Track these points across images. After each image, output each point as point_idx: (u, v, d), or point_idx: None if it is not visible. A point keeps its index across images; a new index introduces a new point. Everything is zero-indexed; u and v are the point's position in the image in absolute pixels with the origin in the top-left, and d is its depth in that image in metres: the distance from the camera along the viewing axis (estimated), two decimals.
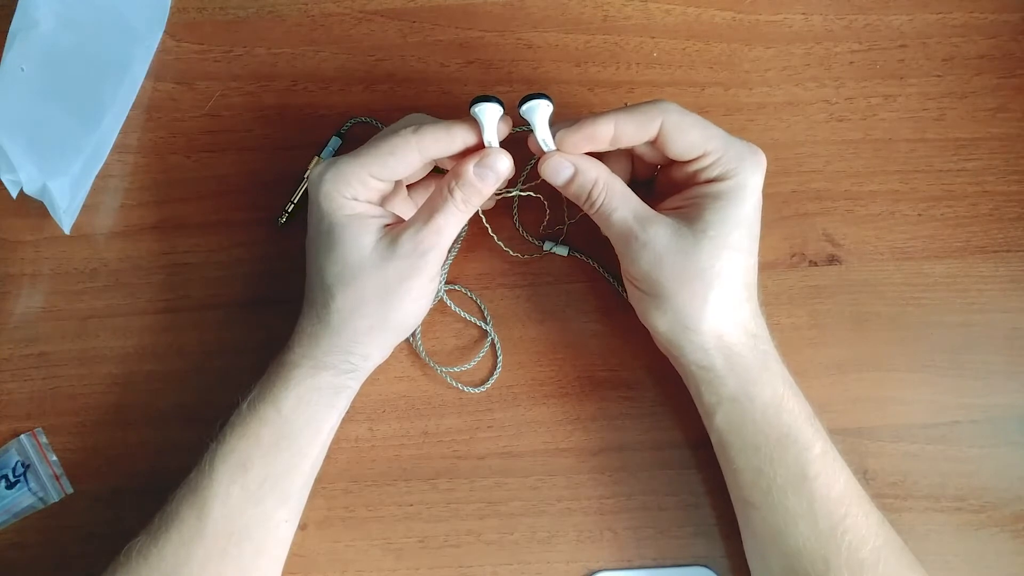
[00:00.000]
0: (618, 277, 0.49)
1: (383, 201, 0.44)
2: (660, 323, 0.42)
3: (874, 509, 0.41)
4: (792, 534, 0.40)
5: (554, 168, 0.42)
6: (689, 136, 0.41)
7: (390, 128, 0.44)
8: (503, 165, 0.41)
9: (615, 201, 0.42)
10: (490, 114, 0.41)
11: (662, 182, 0.46)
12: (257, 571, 0.41)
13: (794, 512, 0.40)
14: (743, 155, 0.41)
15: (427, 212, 0.41)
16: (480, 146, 0.42)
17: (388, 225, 0.42)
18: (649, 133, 0.41)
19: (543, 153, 0.42)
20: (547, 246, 0.50)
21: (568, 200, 0.46)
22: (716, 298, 0.40)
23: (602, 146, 0.42)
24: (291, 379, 0.42)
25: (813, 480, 0.40)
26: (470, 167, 0.41)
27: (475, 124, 0.41)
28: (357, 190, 0.41)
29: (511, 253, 0.50)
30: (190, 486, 0.41)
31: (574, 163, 0.42)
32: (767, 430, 0.41)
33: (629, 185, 0.43)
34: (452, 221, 0.41)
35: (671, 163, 0.43)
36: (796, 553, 0.40)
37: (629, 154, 0.45)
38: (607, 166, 0.43)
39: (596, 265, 0.49)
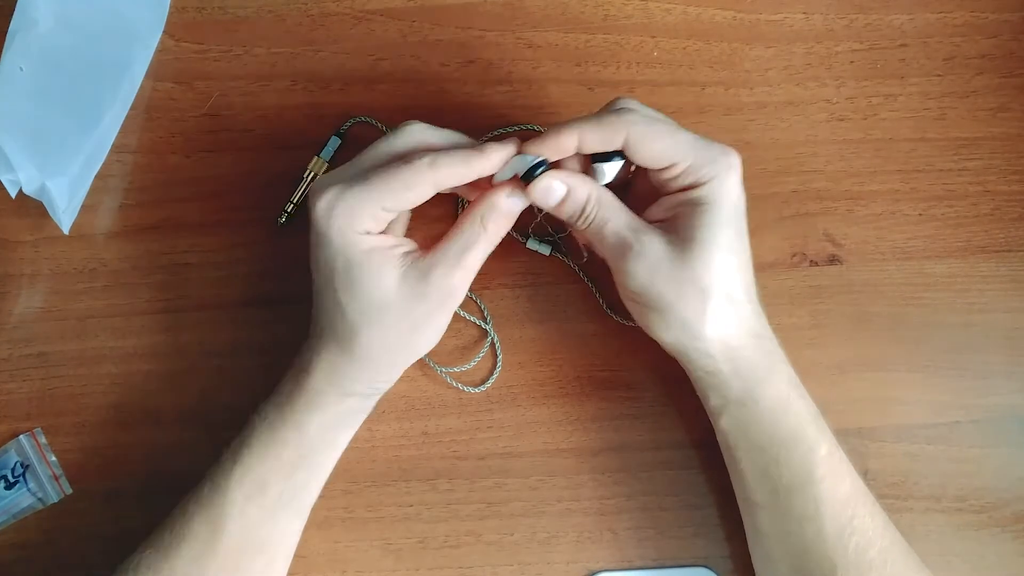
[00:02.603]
0: (597, 280, 0.49)
1: (390, 225, 0.43)
2: (665, 335, 0.41)
3: (880, 510, 0.41)
4: (799, 535, 0.40)
5: (545, 190, 0.40)
6: (656, 146, 0.40)
7: (395, 148, 0.41)
8: (534, 195, 0.41)
9: (607, 212, 0.41)
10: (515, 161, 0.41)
11: (638, 186, 0.45)
12: None
13: (800, 514, 0.40)
14: (715, 159, 0.40)
15: (459, 247, 0.40)
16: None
17: (408, 253, 0.41)
18: (614, 144, 0.40)
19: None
20: (530, 244, 0.50)
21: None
22: (715, 305, 0.40)
23: (567, 155, 0.41)
24: (316, 405, 0.41)
25: (820, 482, 0.40)
26: (502, 197, 0.40)
27: (490, 154, 0.40)
28: (369, 224, 0.39)
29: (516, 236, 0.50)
30: (203, 503, 0.40)
31: (566, 182, 0.41)
32: (773, 431, 0.41)
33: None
34: (483, 253, 0.41)
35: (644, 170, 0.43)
36: (803, 554, 0.40)
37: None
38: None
39: (576, 268, 0.49)
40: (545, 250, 0.49)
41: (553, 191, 0.41)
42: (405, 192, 0.39)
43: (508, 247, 0.50)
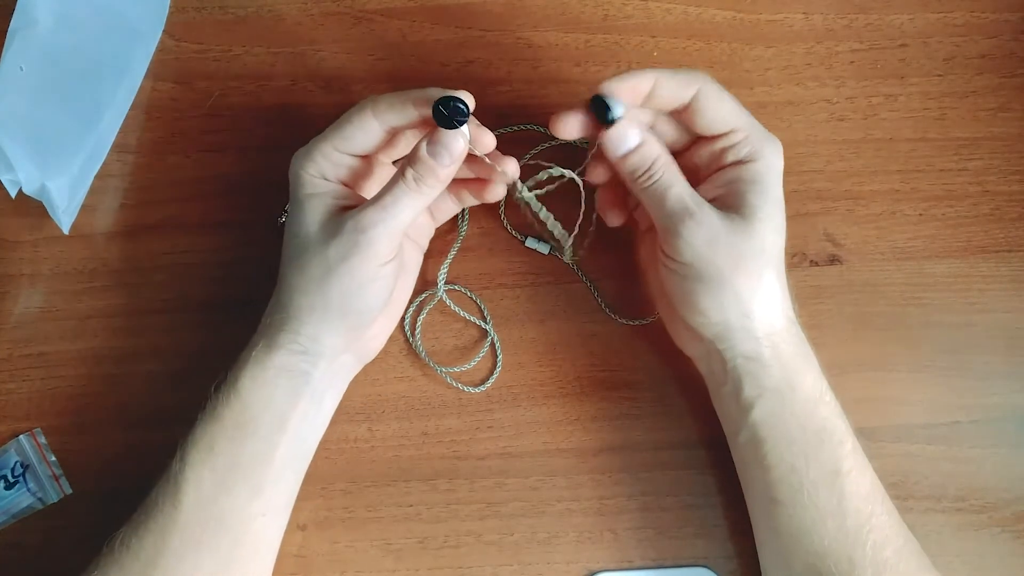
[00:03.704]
0: (597, 281, 0.49)
1: (358, 180, 0.43)
2: (714, 312, 0.40)
3: (895, 509, 0.41)
4: (819, 532, 0.40)
5: (620, 136, 0.40)
6: (722, 108, 0.41)
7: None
8: (457, 144, 0.40)
9: (674, 177, 0.41)
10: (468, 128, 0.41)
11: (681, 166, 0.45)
12: (237, 564, 0.41)
13: (824, 509, 0.40)
14: (768, 139, 0.41)
15: (380, 193, 0.41)
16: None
17: (345, 206, 0.41)
18: (684, 97, 0.41)
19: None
20: (529, 242, 0.50)
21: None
22: (768, 281, 0.40)
23: (635, 102, 0.41)
24: (248, 359, 0.41)
25: (845, 476, 0.40)
26: (423, 145, 0.40)
27: (429, 98, 0.40)
28: (324, 167, 0.41)
29: (514, 234, 0.50)
30: (166, 475, 0.40)
31: (641, 133, 0.41)
32: (805, 423, 0.40)
33: None
34: (403, 200, 0.40)
35: (695, 144, 0.43)
36: (822, 552, 0.39)
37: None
38: None
39: (576, 268, 0.49)
40: (544, 249, 0.49)
41: (628, 138, 0.41)
42: (347, 126, 0.41)
43: (508, 247, 0.50)
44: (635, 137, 0.41)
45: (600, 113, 0.40)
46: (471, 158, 0.42)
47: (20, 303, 0.50)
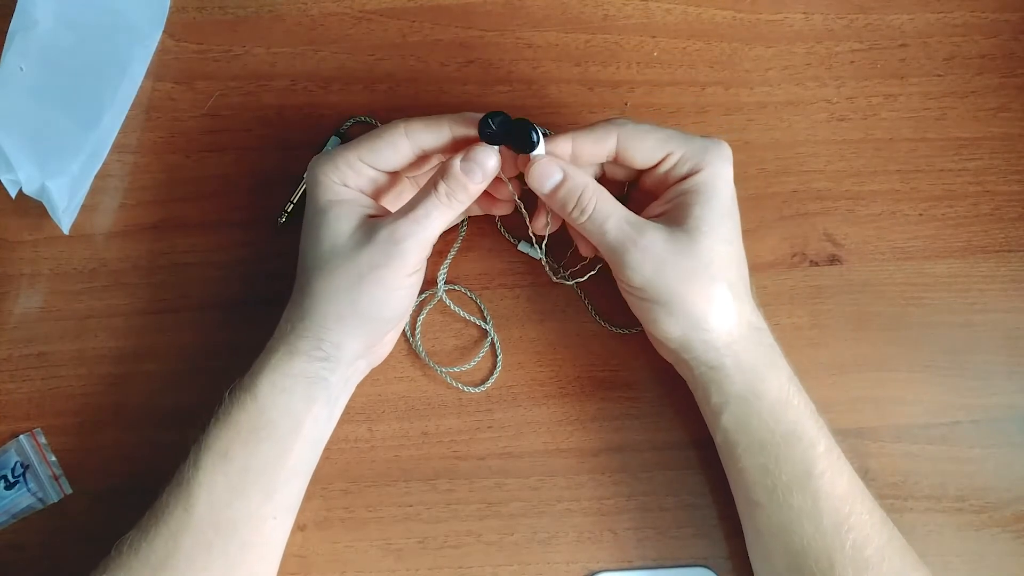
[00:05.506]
0: (587, 287, 0.49)
1: (379, 193, 0.44)
2: (672, 329, 0.41)
3: (877, 508, 0.41)
4: (797, 532, 0.40)
5: (542, 173, 0.41)
6: (646, 142, 0.41)
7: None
8: (490, 161, 0.41)
9: (608, 207, 0.41)
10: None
11: (635, 199, 0.46)
12: (245, 566, 0.41)
13: (799, 510, 0.40)
14: (707, 148, 0.41)
15: (411, 204, 0.41)
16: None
17: (372, 216, 0.42)
18: (607, 148, 0.42)
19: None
20: (522, 247, 0.49)
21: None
22: (721, 294, 0.40)
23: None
24: (267, 365, 0.41)
25: (818, 477, 0.40)
26: (456, 161, 0.41)
27: (466, 120, 0.41)
28: (347, 175, 0.42)
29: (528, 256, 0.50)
30: (178, 479, 0.40)
31: (563, 168, 0.41)
32: (773, 426, 0.41)
33: None
34: (434, 214, 0.40)
35: (640, 176, 0.44)
36: (801, 552, 0.40)
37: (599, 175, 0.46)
38: None
39: (566, 275, 0.49)
40: (535, 254, 0.49)
41: (550, 175, 0.41)
42: (378, 142, 0.42)
43: (507, 247, 0.50)
44: (557, 172, 0.41)
45: (520, 141, 0.41)
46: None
47: (20, 303, 0.50)
